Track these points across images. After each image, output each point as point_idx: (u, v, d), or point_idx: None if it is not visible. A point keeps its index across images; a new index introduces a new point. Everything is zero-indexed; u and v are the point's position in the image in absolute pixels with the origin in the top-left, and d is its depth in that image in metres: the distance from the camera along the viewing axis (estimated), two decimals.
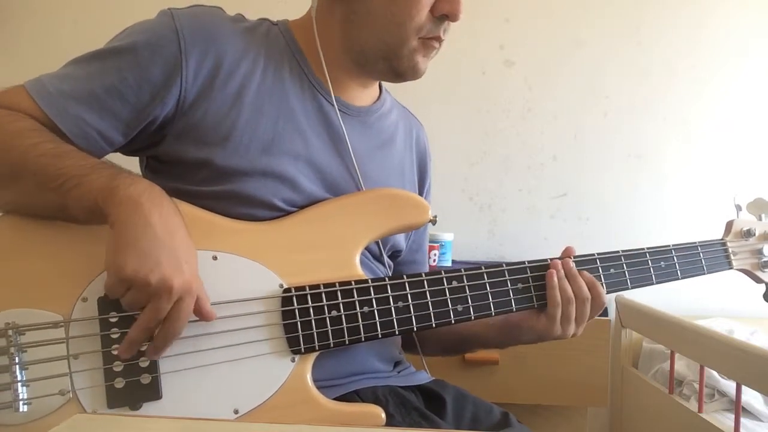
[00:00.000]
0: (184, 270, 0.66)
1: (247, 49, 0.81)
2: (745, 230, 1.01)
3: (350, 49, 0.84)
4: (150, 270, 0.64)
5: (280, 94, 0.81)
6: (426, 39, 0.82)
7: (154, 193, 0.69)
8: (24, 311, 0.68)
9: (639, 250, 0.90)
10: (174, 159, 0.79)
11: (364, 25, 0.81)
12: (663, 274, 0.92)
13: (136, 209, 0.66)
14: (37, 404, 0.67)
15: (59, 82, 0.75)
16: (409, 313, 0.78)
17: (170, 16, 0.77)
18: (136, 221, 0.65)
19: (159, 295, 0.65)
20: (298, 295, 0.75)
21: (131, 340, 0.66)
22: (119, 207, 0.66)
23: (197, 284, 0.68)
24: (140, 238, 0.65)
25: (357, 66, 0.85)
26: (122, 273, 0.64)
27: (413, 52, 0.82)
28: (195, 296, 0.68)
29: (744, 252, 1.01)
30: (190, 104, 0.76)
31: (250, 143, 0.78)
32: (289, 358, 0.74)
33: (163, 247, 0.65)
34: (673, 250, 0.93)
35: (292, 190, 0.80)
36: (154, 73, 0.75)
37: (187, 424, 0.57)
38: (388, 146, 0.93)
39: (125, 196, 0.66)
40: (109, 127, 0.75)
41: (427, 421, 0.80)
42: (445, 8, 0.80)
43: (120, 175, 0.69)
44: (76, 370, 0.68)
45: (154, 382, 0.70)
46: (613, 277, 0.88)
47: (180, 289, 0.65)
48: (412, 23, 0.79)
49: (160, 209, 0.67)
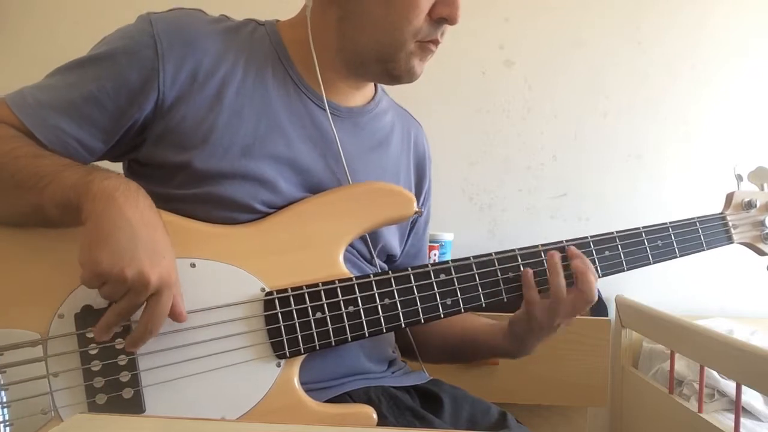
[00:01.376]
0: (163, 264, 0.65)
1: (227, 51, 0.80)
2: (746, 201, 0.97)
3: (344, 50, 0.83)
4: (126, 264, 0.63)
5: (262, 96, 0.81)
6: (423, 42, 0.81)
7: (130, 187, 0.68)
8: (0, 331, 0.66)
9: (635, 229, 0.87)
10: (153, 162, 0.78)
11: (359, 27, 0.81)
12: (660, 254, 0.88)
13: (110, 202, 0.65)
14: (20, 425, 0.65)
15: (39, 93, 0.75)
16: (396, 310, 0.77)
17: (148, 22, 0.77)
18: (110, 214, 0.64)
19: (136, 290, 0.64)
20: (280, 298, 0.74)
21: (106, 324, 0.65)
22: (93, 201, 0.65)
23: (176, 279, 0.67)
24: (115, 231, 0.63)
25: (350, 68, 0.84)
26: (98, 268, 0.62)
27: (410, 56, 0.81)
28: (173, 290, 0.67)
29: (745, 225, 0.97)
30: (168, 108, 0.76)
31: (230, 146, 0.77)
32: (274, 363, 0.73)
33: (140, 240, 0.64)
34: (671, 228, 0.90)
35: (272, 192, 0.79)
36: (131, 79, 0.75)
37: (187, 424, 0.57)
38: (383, 147, 0.92)
39: (99, 189, 0.65)
40: (89, 136, 0.75)
41: (422, 422, 0.79)
42: (443, 12, 0.79)
43: (95, 171, 0.69)
44: (56, 389, 0.67)
45: (136, 396, 0.69)
46: (607, 259, 0.85)
47: (158, 283, 0.64)
48: (410, 26, 0.78)
49: (135, 202, 0.66)
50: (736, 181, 0.99)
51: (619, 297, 1.78)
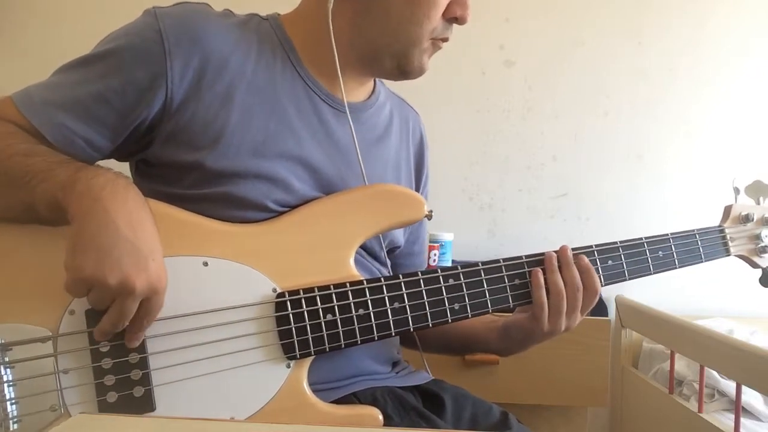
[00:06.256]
0: (149, 267, 0.63)
1: (236, 46, 0.79)
2: (743, 215, 0.99)
3: (359, 45, 0.83)
4: (109, 270, 0.61)
5: (271, 93, 0.80)
6: (435, 40, 0.83)
7: (118, 185, 0.66)
8: (10, 326, 0.66)
9: (637, 240, 0.89)
10: (163, 162, 0.77)
11: (378, 22, 0.81)
12: (660, 264, 0.90)
13: (95, 203, 0.63)
14: (28, 421, 0.65)
15: (45, 92, 0.75)
16: (405, 314, 0.77)
17: (154, 16, 0.76)
18: (95, 216, 0.62)
19: (122, 296, 0.63)
20: (292, 300, 0.74)
21: (102, 331, 0.65)
22: (79, 201, 0.63)
23: (165, 282, 0.66)
24: (99, 234, 0.62)
25: (362, 63, 0.85)
26: (81, 274, 0.61)
27: (423, 53, 0.83)
28: (163, 293, 0.65)
29: (742, 237, 0.99)
30: (177, 106, 0.75)
31: (241, 145, 0.77)
32: (284, 364, 0.73)
33: (125, 244, 0.62)
34: (671, 239, 0.92)
35: (285, 191, 0.79)
36: (138, 76, 0.74)
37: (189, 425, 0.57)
38: (383, 140, 0.92)
39: (85, 188, 0.64)
40: (95, 134, 0.75)
41: (426, 421, 0.79)
42: (456, 11, 0.81)
43: (85, 168, 0.67)
44: (66, 386, 0.66)
45: (147, 395, 0.68)
46: (610, 269, 0.87)
47: (144, 289, 0.63)
48: (429, 24, 0.80)
49: (124, 203, 0.65)
50: (733, 194, 1.00)
51: (619, 297, 1.78)
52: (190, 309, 0.71)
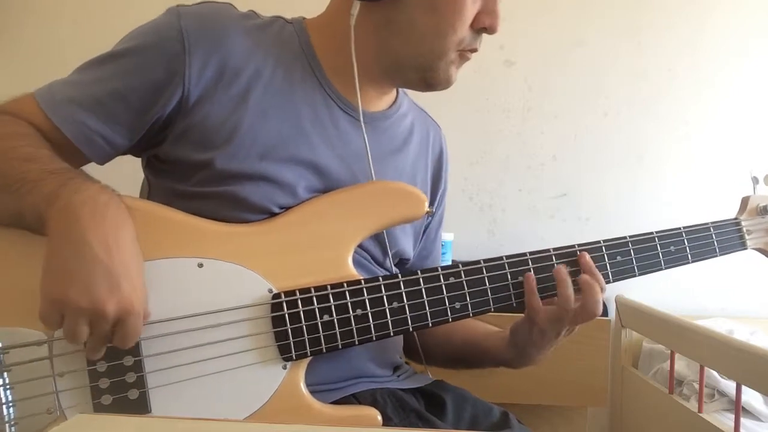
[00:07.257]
0: (122, 288, 0.62)
1: (256, 49, 0.78)
2: (761, 206, 0.94)
3: (383, 57, 0.81)
4: (80, 295, 0.60)
5: (288, 98, 0.79)
6: (463, 51, 0.81)
7: (99, 201, 0.64)
8: (6, 330, 0.66)
9: (647, 234, 0.85)
10: (174, 159, 0.78)
11: (402, 34, 0.79)
12: (673, 259, 0.86)
13: (73, 223, 0.62)
14: (24, 424, 0.65)
15: (66, 89, 0.75)
16: (404, 314, 0.75)
17: (177, 15, 0.76)
18: (70, 237, 0.61)
19: (95, 321, 0.62)
20: (288, 301, 0.73)
21: (90, 357, 0.66)
22: (57, 218, 0.62)
23: (139, 302, 0.64)
24: (72, 257, 0.61)
25: (385, 75, 0.83)
26: (50, 297, 0.61)
27: (449, 65, 0.81)
28: (139, 314, 0.64)
29: (759, 230, 0.94)
30: (192, 105, 0.75)
31: (252, 147, 0.76)
32: (280, 365, 0.72)
33: (98, 266, 0.61)
34: (684, 233, 0.87)
35: (290, 195, 0.78)
36: (157, 74, 0.74)
37: (189, 424, 0.57)
38: (401, 151, 0.90)
39: (65, 205, 0.62)
40: (114, 132, 0.75)
41: (425, 423, 0.79)
42: (486, 21, 0.79)
43: (71, 181, 0.65)
44: (62, 389, 0.66)
45: (142, 398, 0.68)
46: (619, 264, 0.83)
47: (116, 312, 0.62)
48: (455, 35, 0.78)
49: (102, 220, 0.63)
50: (752, 184, 0.96)
51: (619, 297, 1.78)
52: (185, 311, 0.70)
